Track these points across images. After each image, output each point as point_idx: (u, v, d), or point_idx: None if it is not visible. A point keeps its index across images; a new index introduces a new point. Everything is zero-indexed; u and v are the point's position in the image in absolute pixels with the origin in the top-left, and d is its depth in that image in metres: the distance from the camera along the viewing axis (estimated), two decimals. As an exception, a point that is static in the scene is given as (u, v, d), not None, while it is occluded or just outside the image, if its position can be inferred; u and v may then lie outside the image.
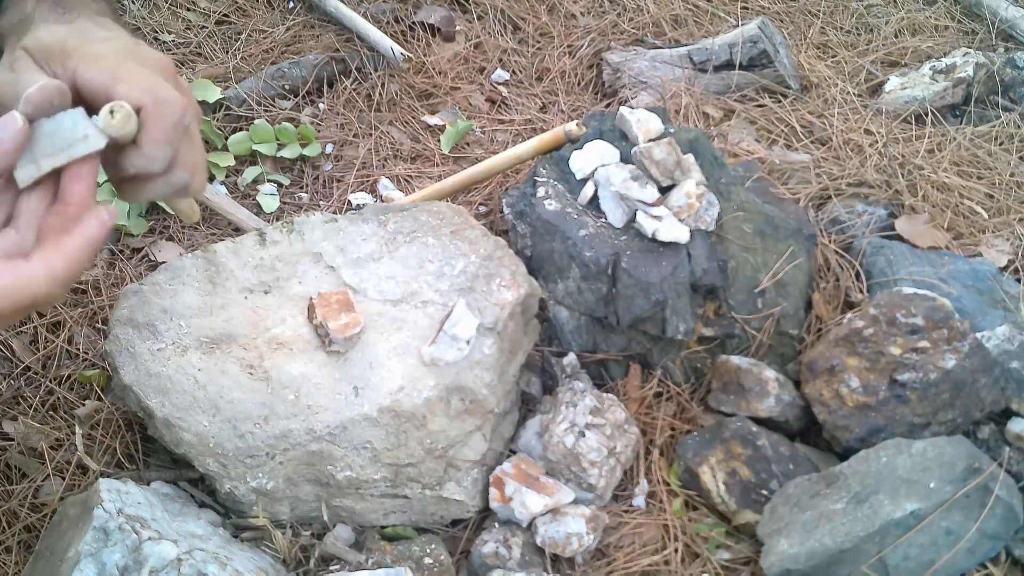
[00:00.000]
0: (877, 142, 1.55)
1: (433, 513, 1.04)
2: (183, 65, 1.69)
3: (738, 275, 1.15)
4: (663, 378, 1.19)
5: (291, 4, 1.87)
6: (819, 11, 1.99)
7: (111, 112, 0.61)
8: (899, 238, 1.34)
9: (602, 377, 1.20)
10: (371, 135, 1.60)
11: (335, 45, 1.75)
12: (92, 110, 0.62)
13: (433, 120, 1.64)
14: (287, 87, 1.66)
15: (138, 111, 0.62)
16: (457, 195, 1.45)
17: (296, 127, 1.57)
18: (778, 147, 1.56)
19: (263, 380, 0.98)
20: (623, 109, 1.25)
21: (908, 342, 1.05)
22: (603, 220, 1.18)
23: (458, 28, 1.82)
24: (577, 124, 1.32)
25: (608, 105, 1.68)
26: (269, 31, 1.79)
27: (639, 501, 1.07)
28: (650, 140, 1.21)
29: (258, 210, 1.45)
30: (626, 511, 1.06)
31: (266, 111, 1.61)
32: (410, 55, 1.70)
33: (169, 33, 1.76)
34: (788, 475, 1.04)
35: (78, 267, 0.61)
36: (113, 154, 0.64)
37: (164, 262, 1.14)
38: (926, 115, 1.65)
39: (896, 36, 1.94)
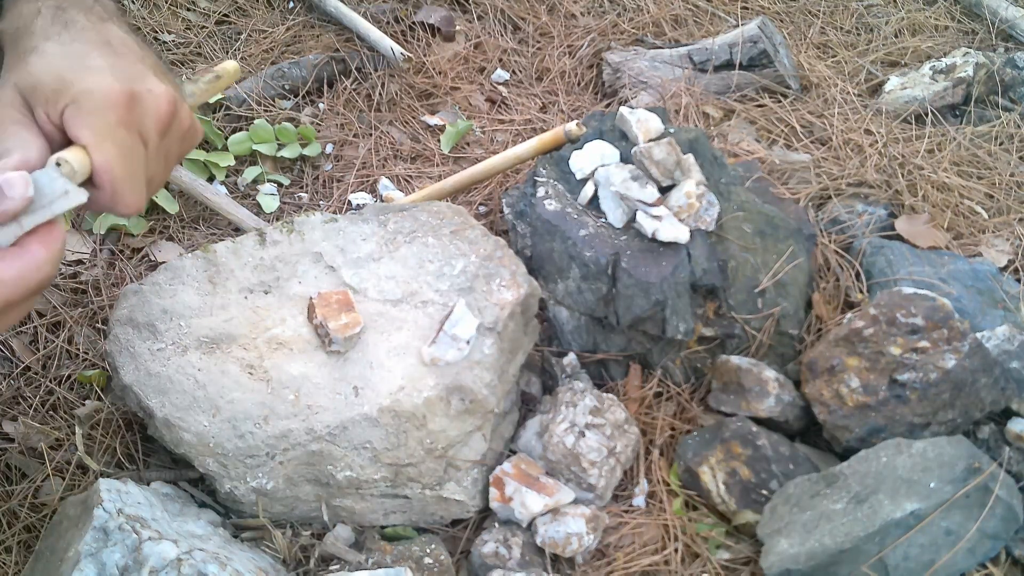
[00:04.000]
0: (877, 142, 1.54)
1: (433, 513, 1.04)
2: (183, 65, 1.69)
3: (738, 275, 1.15)
4: (663, 378, 1.19)
5: (291, 4, 1.87)
6: (819, 11, 1.99)
7: (58, 165, 0.61)
8: (899, 238, 1.34)
9: (602, 377, 1.20)
10: (371, 135, 1.60)
11: (335, 45, 1.75)
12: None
13: (433, 120, 1.64)
14: (287, 87, 1.66)
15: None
16: (457, 195, 1.45)
17: (296, 127, 1.57)
18: (778, 147, 1.56)
19: (263, 380, 0.98)
20: (623, 109, 1.25)
21: (908, 342, 1.05)
22: (603, 220, 1.18)
23: (458, 28, 1.82)
24: (577, 124, 1.32)
25: (608, 105, 1.68)
26: (269, 31, 1.79)
27: (639, 501, 1.07)
28: (650, 140, 1.21)
29: (258, 210, 1.45)
30: (626, 511, 1.06)
31: (266, 111, 1.61)
32: (410, 55, 1.70)
33: (169, 33, 1.76)
34: (788, 475, 1.04)
35: (62, 250, 0.63)
36: None
37: (164, 262, 1.14)
38: (926, 115, 1.65)
39: (896, 36, 1.94)
